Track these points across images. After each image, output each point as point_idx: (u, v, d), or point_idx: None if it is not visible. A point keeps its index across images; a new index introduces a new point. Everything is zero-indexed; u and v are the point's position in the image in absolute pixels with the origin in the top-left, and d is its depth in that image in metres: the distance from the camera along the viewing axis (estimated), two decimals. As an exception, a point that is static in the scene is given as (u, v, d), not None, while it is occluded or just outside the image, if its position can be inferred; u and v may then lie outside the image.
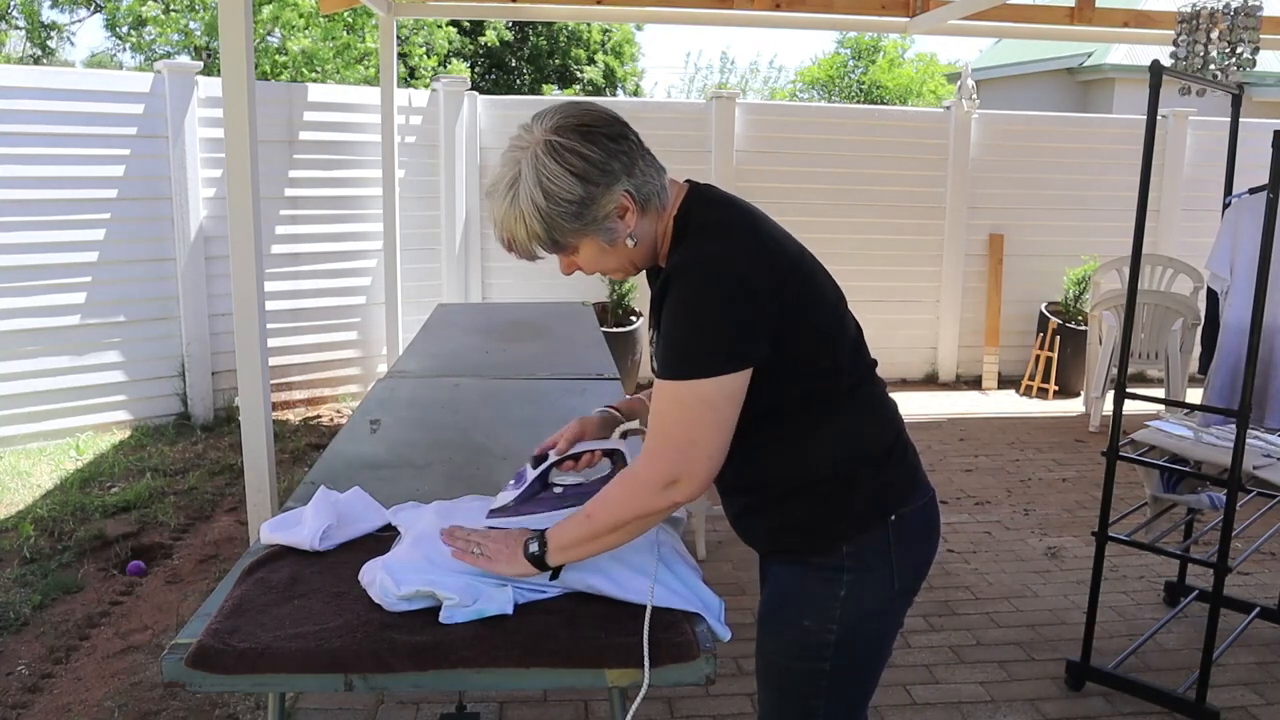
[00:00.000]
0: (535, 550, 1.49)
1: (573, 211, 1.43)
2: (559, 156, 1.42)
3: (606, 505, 1.46)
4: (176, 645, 1.41)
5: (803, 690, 1.61)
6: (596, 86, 13.71)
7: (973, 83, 7.10)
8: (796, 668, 1.60)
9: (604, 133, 1.44)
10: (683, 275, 1.44)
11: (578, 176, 1.42)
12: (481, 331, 3.97)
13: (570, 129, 1.43)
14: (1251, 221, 4.17)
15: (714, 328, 1.42)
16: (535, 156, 1.42)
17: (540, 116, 1.47)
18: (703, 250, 1.46)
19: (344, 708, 2.80)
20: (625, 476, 1.49)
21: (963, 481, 5.01)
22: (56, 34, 12.57)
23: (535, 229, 1.45)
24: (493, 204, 1.48)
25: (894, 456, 1.60)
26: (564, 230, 1.46)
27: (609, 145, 1.44)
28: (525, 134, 1.46)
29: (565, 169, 1.41)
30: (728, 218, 1.51)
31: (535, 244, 1.48)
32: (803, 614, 1.57)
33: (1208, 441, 3.01)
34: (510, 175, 1.45)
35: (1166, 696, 2.85)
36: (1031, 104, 11.52)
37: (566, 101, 1.51)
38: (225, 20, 3.00)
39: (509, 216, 1.46)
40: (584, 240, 1.49)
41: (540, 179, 1.42)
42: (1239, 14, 4.49)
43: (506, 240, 1.49)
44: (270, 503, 3.23)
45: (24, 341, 5.08)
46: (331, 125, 6.05)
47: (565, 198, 1.42)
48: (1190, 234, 7.21)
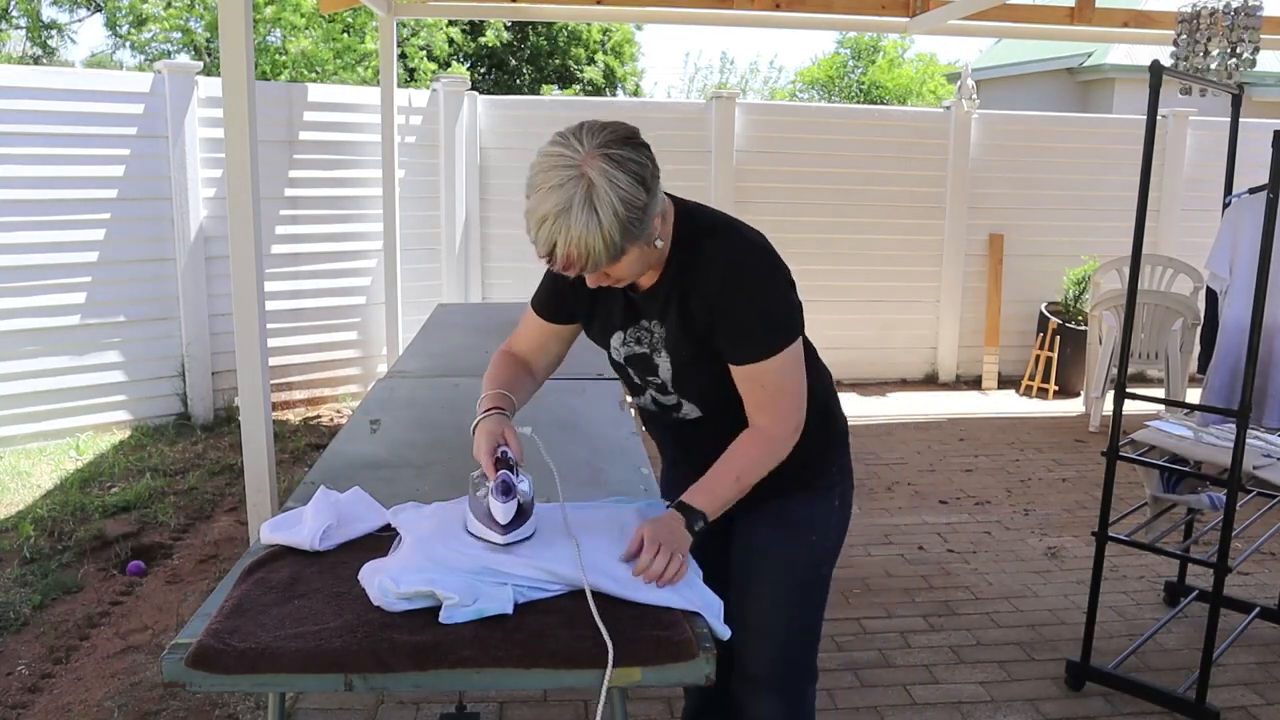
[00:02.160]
0: (702, 526, 1.65)
1: (639, 217, 1.53)
2: (624, 166, 1.50)
3: (753, 465, 1.69)
4: (176, 645, 1.41)
5: (808, 600, 1.89)
6: (596, 86, 13.71)
7: (973, 83, 7.10)
8: (812, 579, 1.88)
9: (640, 141, 1.56)
10: (746, 268, 1.65)
11: (641, 183, 1.52)
12: (481, 331, 3.97)
13: (619, 141, 1.52)
14: (1251, 221, 4.18)
15: (785, 301, 1.68)
16: (603, 170, 1.48)
17: (573, 136, 1.52)
18: (750, 246, 1.67)
19: (344, 708, 2.80)
20: (762, 438, 1.69)
21: (963, 481, 5.01)
22: (57, 33, 12.56)
23: (614, 238, 1.50)
24: (561, 224, 1.48)
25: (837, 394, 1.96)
26: (633, 237, 1.54)
27: (648, 154, 1.56)
28: (570, 153, 1.50)
29: (632, 177, 1.51)
30: (729, 218, 1.73)
31: (607, 255, 1.52)
32: (813, 529, 1.86)
33: (1207, 441, 3.01)
34: (580, 192, 1.47)
35: (1166, 696, 2.85)
36: (1031, 104, 11.52)
37: (587, 121, 1.56)
38: (225, 20, 3.00)
39: (588, 231, 1.48)
40: (636, 246, 1.57)
41: (617, 190, 1.49)
42: (1239, 14, 4.49)
43: (575, 256, 1.51)
44: (270, 503, 3.23)
45: (24, 341, 5.08)
46: (331, 125, 6.05)
47: (636, 204, 1.52)
48: (1190, 234, 7.20)
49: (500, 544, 1.61)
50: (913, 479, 5.03)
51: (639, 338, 1.77)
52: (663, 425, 1.89)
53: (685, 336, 1.70)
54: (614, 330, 1.81)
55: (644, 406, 1.89)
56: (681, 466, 1.94)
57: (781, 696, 1.92)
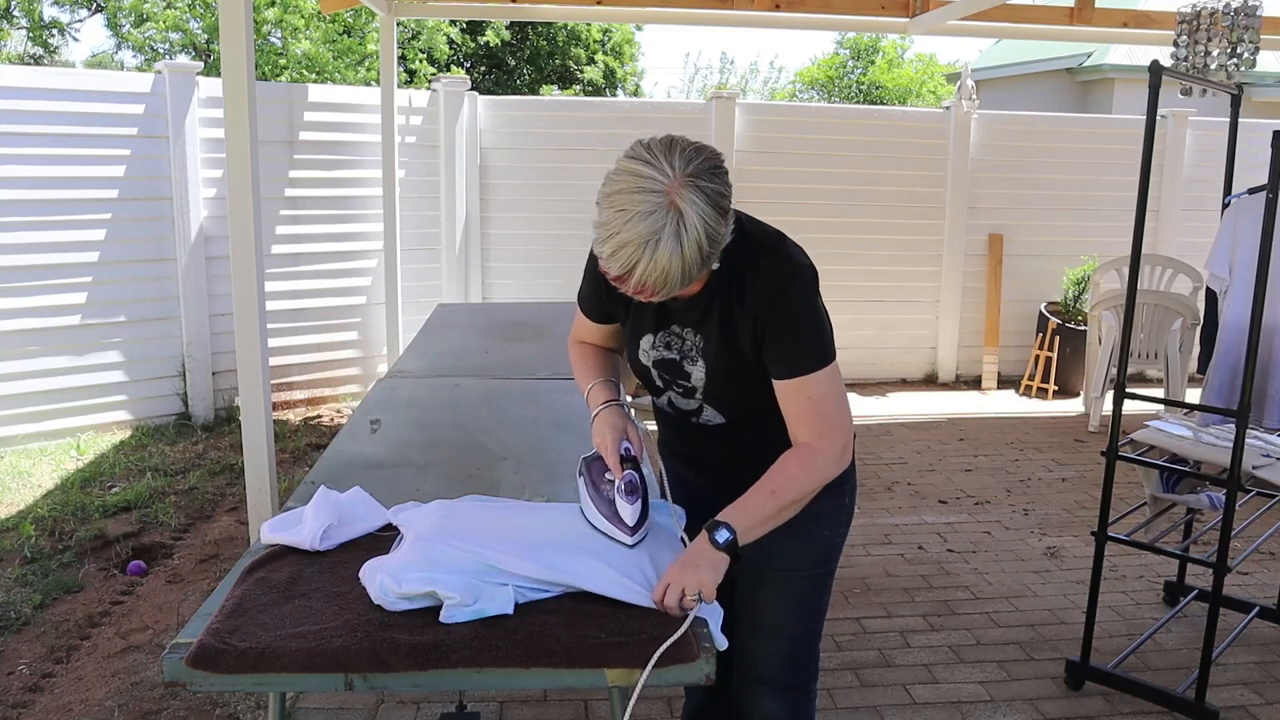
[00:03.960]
0: (727, 538, 1.57)
1: (718, 249, 1.54)
2: (711, 199, 1.49)
3: (793, 481, 1.64)
4: (177, 645, 1.42)
5: (817, 597, 1.90)
6: (596, 87, 13.70)
7: (972, 83, 7.11)
8: (819, 573, 1.89)
9: (723, 168, 1.54)
10: (796, 285, 1.65)
11: (724, 214, 1.52)
12: (481, 331, 3.98)
13: (707, 171, 1.50)
14: (1251, 221, 4.18)
15: (824, 320, 1.69)
16: (694, 203, 1.47)
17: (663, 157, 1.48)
18: (794, 258, 1.68)
19: (344, 707, 2.80)
20: (804, 453, 1.66)
21: (962, 481, 5.01)
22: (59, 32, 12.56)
23: (693, 271, 1.51)
24: (646, 253, 1.46)
25: None
26: (709, 264, 1.54)
27: (728, 181, 1.54)
28: (660, 176, 1.46)
29: (717, 211, 1.50)
30: (777, 231, 1.74)
31: (681, 283, 1.52)
32: (824, 526, 1.86)
33: (1207, 441, 3.01)
34: (671, 223, 1.45)
35: (1166, 696, 2.85)
36: (1031, 104, 11.52)
37: (678, 139, 1.53)
38: (225, 20, 3.00)
39: (672, 263, 1.47)
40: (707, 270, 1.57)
41: (705, 224, 1.48)
42: (1239, 14, 4.49)
43: (654, 284, 1.50)
44: (271, 502, 3.23)
45: (24, 341, 5.08)
46: (332, 125, 6.05)
47: (718, 236, 1.52)
48: (1190, 234, 7.21)
49: (629, 544, 1.63)
50: (912, 479, 5.03)
51: (669, 343, 1.78)
52: (677, 427, 1.90)
53: (726, 348, 1.70)
54: (645, 333, 1.81)
55: (661, 408, 1.89)
56: (684, 464, 1.95)
57: (789, 697, 1.92)
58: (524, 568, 1.56)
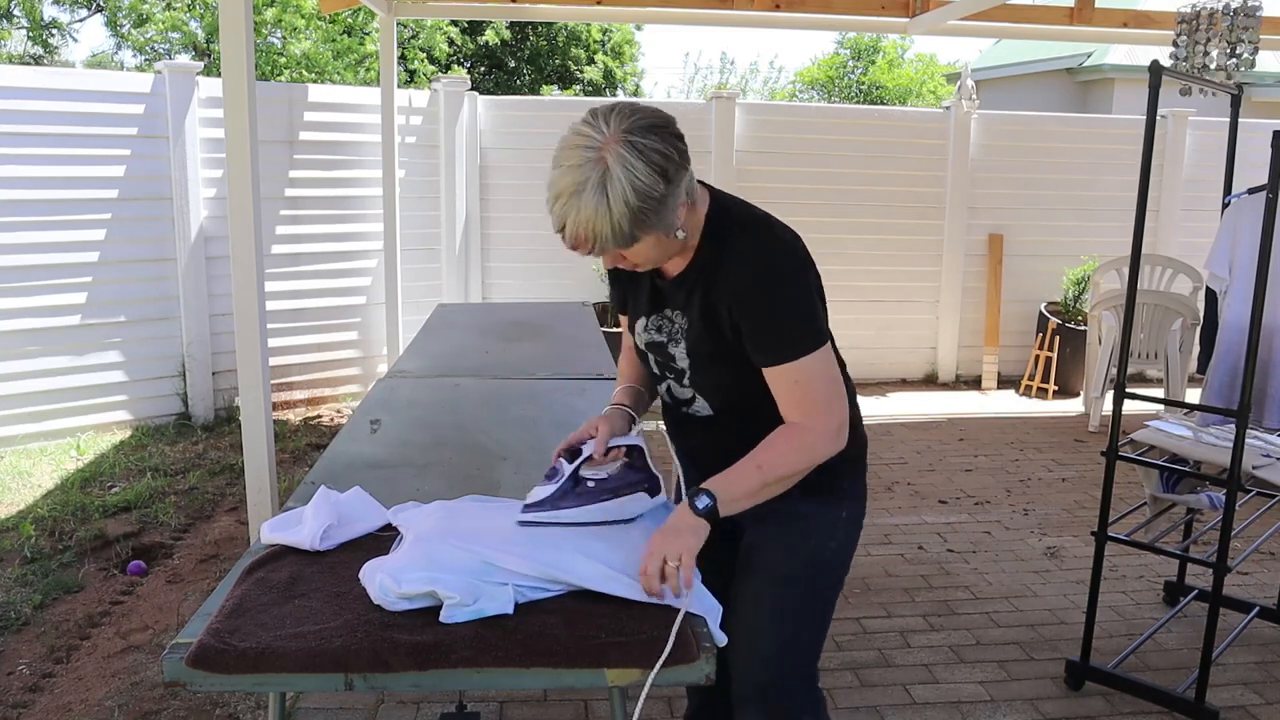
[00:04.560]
0: (707, 504, 1.57)
1: (655, 207, 1.51)
2: (644, 155, 1.48)
3: (781, 458, 1.62)
4: (177, 645, 1.42)
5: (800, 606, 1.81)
6: (596, 87, 13.70)
7: (972, 83, 7.11)
8: (799, 576, 1.80)
9: (670, 130, 1.53)
10: (775, 268, 1.61)
11: (660, 173, 1.50)
12: (481, 331, 3.97)
13: (646, 129, 1.50)
14: (1250, 221, 4.18)
15: (812, 304, 1.64)
16: (621, 156, 1.47)
17: (603, 117, 1.51)
18: (781, 240, 1.64)
19: (344, 707, 2.80)
20: (794, 430, 1.63)
21: (962, 481, 5.01)
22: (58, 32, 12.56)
23: (622, 228, 1.50)
24: (573, 204, 1.49)
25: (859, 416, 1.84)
26: (645, 225, 1.53)
27: (676, 143, 1.53)
28: (594, 134, 1.49)
29: (650, 167, 1.49)
30: (764, 214, 1.69)
31: (615, 241, 1.52)
32: (813, 533, 1.79)
33: (1207, 441, 3.01)
34: (596, 175, 1.48)
35: (1166, 696, 2.85)
36: (1031, 104, 11.52)
37: (622, 102, 1.56)
38: (225, 20, 3.01)
39: (597, 215, 1.49)
40: (651, 234, 1.56)
41: (632, 178, 1.48)
42: (1239, 14, 4.49)
43: (583, 237, 1.52)
44: (271, 503, 3.23)
45: (24, 341, 5.08)
46: (331, 125, 6.05)
47: (652, 194, 1.50)
48: (1189, 234, 7.21)
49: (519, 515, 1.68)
50: (912, 479, 5.03)
51: (660, 326, 1.76)
52: (675, 419, 1.87)
53: (707, 331, 1.67)
54: (640, 315, 1.81)
55: (664, 398, 1.88)
56: (687, 459, 1.91)
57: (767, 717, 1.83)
58: (523, 566, 1.56)
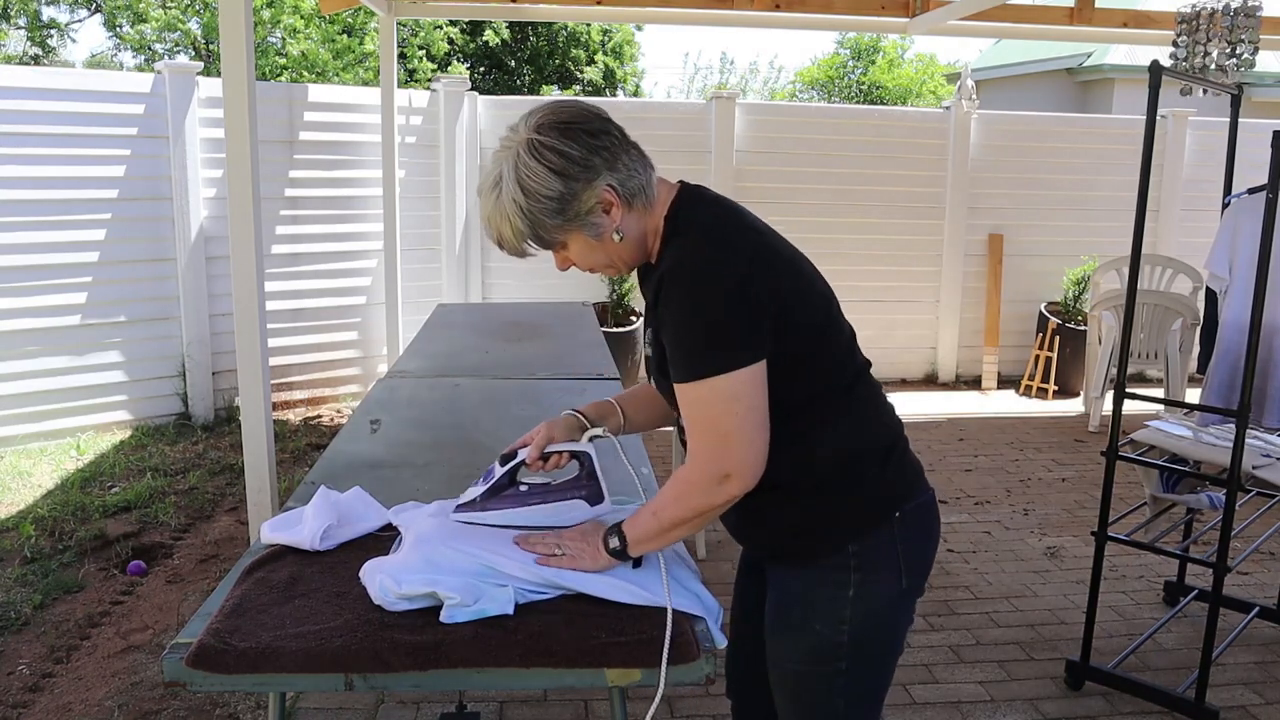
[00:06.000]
0: (616, 545, 1.54)
1: (553, 208, 1.47)
2: (539, 154, 1.45)
3: (667, 503, 1.50)
4: (177, 645, 1.41)
5: (821, 693, 1.60)
6: (596, 87, 13.69)
7: (972, 83, 7.11)
8: (812, 671, 1.59)
9: (584, 129, 1.47)
10: (682, 275, 1.45)
11: (556, 173, 1.45)
12: (481, 331, 3.97)
13: (551, 126, 1.46)
14: (1250, 221, 4.18)
15: (719, 325, 1.42)
16: (517, 155, 1.46)
17: (528, 115, 1.51)
18: (701, 249, 1.46)
19: (344, 707, 2.80)
20: (677, 478, 1.49)
21: (962, 481, 5.01)
22: (57, 32, 12.56)
23: (519, 226, 1.49)
24: (482, 203, 1.52)
25: (895, 454, 1.60)
26: (547, 226, 1.49)
27: (589, 141, 1.46)
28: (512, 134, 1.50)
29: (544, 166, 1.44)
30: (720, 216, 1.52)
31: (522, 241, 1.51)
32: (813, 618, 1.56)
33: (1207, 441, 3.01)
34: (495, 174, 1.49)
35: (1166, 696, 2.85)
36: (1031, 104, 11.52)
37: (553, 100, 1.54)
38: (225, 20, 3.00)
39: (495, 215, 1.50)
40: (570, 236, 1.52)
41: (520, 177, 1.46)
42: (1239, 14, 4.49)
43: (495, 238, 1.53)
44: (271, 502, 3.23)
45: (24, 341, 5.08)
46: (331, 125, 6.05)
47: (545, 194, 1.45)
48: (1189, 234, 7.22)
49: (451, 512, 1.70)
50: (912, 479, 5.02)
51: (648, 340, 1.66)
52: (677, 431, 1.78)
53: (655, 340, 1.56)
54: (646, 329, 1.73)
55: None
56: None
57: None
58: (523, 570, 1.56)
